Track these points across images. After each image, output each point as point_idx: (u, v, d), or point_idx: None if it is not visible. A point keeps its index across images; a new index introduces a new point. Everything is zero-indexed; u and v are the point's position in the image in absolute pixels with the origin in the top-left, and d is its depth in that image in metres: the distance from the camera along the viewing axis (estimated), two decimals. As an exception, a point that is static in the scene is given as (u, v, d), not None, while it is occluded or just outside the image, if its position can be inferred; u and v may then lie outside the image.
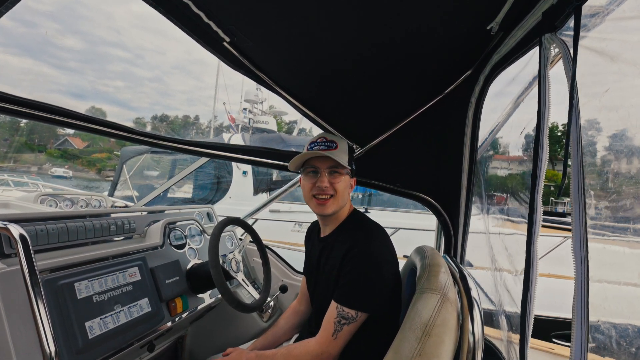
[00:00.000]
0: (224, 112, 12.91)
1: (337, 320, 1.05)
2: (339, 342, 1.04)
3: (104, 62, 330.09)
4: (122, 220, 1.46)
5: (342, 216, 1.25)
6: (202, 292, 1.59)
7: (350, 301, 1.05)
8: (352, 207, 1.29)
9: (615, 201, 0.59)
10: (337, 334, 1.04)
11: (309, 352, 1.06)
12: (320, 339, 1.07)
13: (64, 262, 1.10)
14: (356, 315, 1.04)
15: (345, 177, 1.21)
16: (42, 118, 1.15)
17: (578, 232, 0.53)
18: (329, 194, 1.17)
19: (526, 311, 0.68)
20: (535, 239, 0.67)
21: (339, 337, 1.04)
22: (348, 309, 1.04)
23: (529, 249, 0.68)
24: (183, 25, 0.90)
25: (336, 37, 0.97)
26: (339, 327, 1.04)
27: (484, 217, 1.42)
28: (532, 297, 0.68)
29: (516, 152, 1.34)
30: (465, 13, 0.87)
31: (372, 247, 1.10)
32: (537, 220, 0.67)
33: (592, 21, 0.63)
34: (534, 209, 0.67)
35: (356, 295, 1.05)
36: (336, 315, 1.05)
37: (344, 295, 1.07)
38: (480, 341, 0.88)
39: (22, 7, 0.75)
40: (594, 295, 0.51)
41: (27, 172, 36.13)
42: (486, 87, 1.24)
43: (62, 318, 1.00)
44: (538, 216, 0.67)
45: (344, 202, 1.22)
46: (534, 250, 0.67)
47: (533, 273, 0.67)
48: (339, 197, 1.18)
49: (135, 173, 6.00)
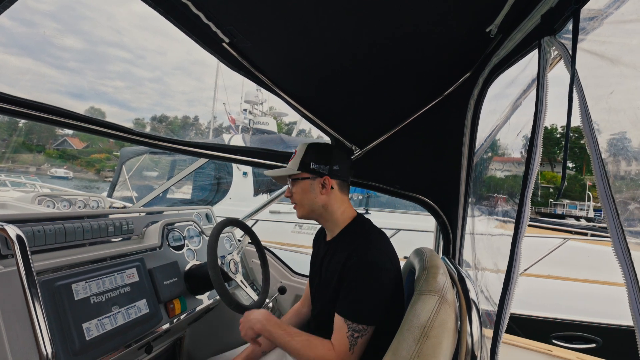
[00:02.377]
0: (223, 112, 12.92)
1: (351, 335, 1.04)
2: (355, 355, 1.04)
3: (104, 62, 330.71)
4: (120, 221, 1.45)
5: (344, 221, 1.23)
6: (201, 294, 1.58)
7: (360, 316, 1.04)
8: (354, 212, 1.26)
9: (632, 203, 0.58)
10: (353, 348, 1.03)
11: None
12: (339, 353, 1.05)
13: (61, 263, 1.09)
14: (367, 327, 1.04)
15: (300, 183, 1.21)
16: (40, 118, 1.15)
17: (616, 236, 0.51)
18: (293, 201, 1.25)
19: (502, 310, 0.68)
20: (520, 239, 0.68)
21: (355, 351, 1.03)
22: (357, 324, 1.04)
23: (513, 248, 0.69)
24: (182, 26, 0.90)
25: (335, 38, 0.98)
26: (353, 341, 1.03)
27: (483, 218, 1.42)
28: (510, 296, 0.68)
29: (514, 154, 1.34)
30: (464, 15, 0.87)
31: (370, 256, 1.08)
32: (524, 221, 0.68)
33: (591, 24, 0.63)
34: (522, 209, 0.68)
35: (363, 309, 1.05)
36: (347, 330, 1.04)
37: (352, 310, 1.05)
38: (478, 343, 0.88)
39: (22, 7, 0.75)
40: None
41: (26, 173, 36.14)
42: (485, 90, 1.24)
43: (59, 319, 0.99)
44: (525, 216, 0.68)
45: (310, 205, 1.21)
46: (517, 250, 0.68)
47: (514, 273, 0.68)
48: (300, 204, 1.23)
49: (134, 174, 5.98)
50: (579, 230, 4.48)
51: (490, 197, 1.43)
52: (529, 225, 0.70)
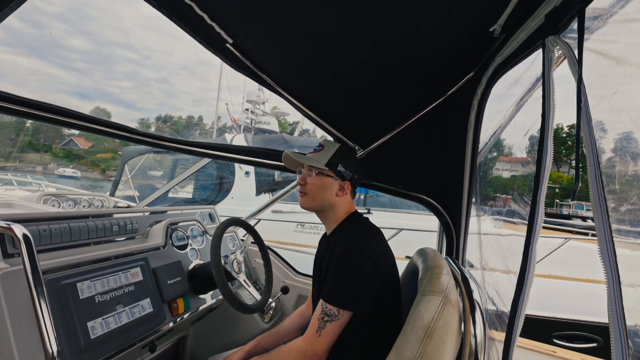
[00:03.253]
0: (227, 112, 12.97)
1: (321, 317, 1.05)
2: (323, 339, 1.03)
3: (111, 62, 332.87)
4: (124, 220, 1.46)
5: (339, 217, 1.25)
6: (204, 293, 1.59)
7: (331, 298, 1.05)
8: (352, 208, 1.29)
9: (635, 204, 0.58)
10: (320, 331, 1.04)
11: (295, 349, 1.07)
12: (306, 335, 1.07)
13: (66, 262, 1.10)
14: (338, 312, 1.04)
15: (319, 178, 1.23)
16: (46, 119, 1.16)
17: (603, 236, 0.52)
18: (304, 191, 1.25)
19: (516, 312, 0.67)
20: (534, 241, 0.67)
21: (322, 334, 1.03)
22: (330, 306, 1.04)
23: (526, 250, 0.68)
24: (186, 27, 0.90)
25: (338, 38, 0.98)
26: (322, 324, 1.04)
27: (491, 218, 1.41)
28: (524, 299, 0.67)
29: (520, 154, 1.34)
30: (467, 15, 0.87)
31: (354, 245, 1.10)
32: (538, 223, 0.66)
33: (595, 24, 0.63)
34: (535, 210, 0.67)
35: (337, 292, 1.05)
36: (320, 312, 1.06)
37: (327, 292, 1.07)
38: (482, 344, 0.88)
39: (31, 9, 0.76)
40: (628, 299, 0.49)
41: (33, 172, 36.55)
42: (488, 89, 1.24)
43: (65, 318, 1.00)
44: (539, 218, 0.67)
45: (322, 201, 1.23)
46: (532, 252, 0.67)
47: (528, 275, 0.67)
48: (311, 196, 1.24)
49: (137, 173, 6.01)
50: (580, 230, 4.46)
51: (497, 197, 1.42)
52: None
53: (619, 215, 0.56)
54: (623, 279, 0.50)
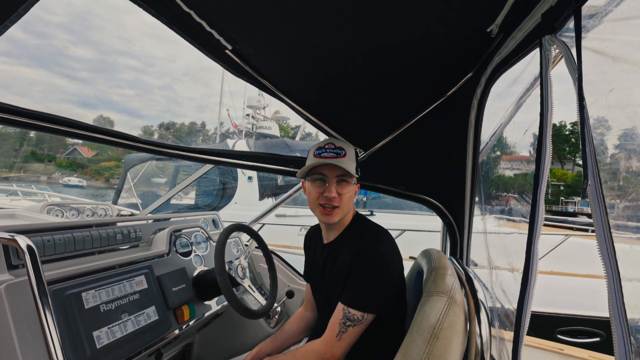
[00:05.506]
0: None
1: (343, 322, 1.05)
2: (343, 343, 1.04)
3: (114, 71, 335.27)
4: (128, 229, 1.47)
5: (346, 221, 1.25)
6: (209, 299, 1.59)
7: (356, 303, 1.05)
8: (354, 210, 1.29)
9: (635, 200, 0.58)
10: (341, 335, 1.04)
11: (314, 351, 1.07)
12: (325, 339, 1.07)
13: (71, 272, 1.11)
14: (362, 317, 1.04)
15: (352, 187, 1.20)
16: (49, 129, 1.17)
17: (602, 233, 0.52)
18: (337, 204, 1.15)
19: (522, 310, 0.67)
20: (536, 238, 0.67)
21: (343, 338, 1.04)
22: (354, 311, 1.05)
23: (529, 249, 0.68)
24: (186, 34, 0.91)
25: (337, 42, 0.98)
26: (343, 328, 1.04)
27: (495, 217, 1.41)
28: (529, 297, 0.67)
29: (521, 152, 1.33)
30: (465, 16, 0.87)
31: (381, 249, 1.11)
32: (538, 220, 0.67)
33: (591, 22, 0.63)
34: (535, 209, 0.67)
35: (363, 297, 1.06)
36: (342, 317, 1.06)
37: (351, 297, 1.07)
38: (487, 343, 0.87)
39: (35, 19, 0.77)
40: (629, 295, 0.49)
41: (37, 182, 36.77)
42: (488, 89, 1.24)
43: (70, 328, 1.00)
44: (540, 216, 0.67)
45: (349, 209, 1.22)
46: (534, 250, 0.67)
47: (532, 273, 0.67)
48: (345, 207, 1.17)
49: (139, 180, 6.03)
50: (581, 227, 4.45)
51: (500, 196, 1.42)
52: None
53: (617, 211, 0.56)
54: (623, 275, 0.50)
